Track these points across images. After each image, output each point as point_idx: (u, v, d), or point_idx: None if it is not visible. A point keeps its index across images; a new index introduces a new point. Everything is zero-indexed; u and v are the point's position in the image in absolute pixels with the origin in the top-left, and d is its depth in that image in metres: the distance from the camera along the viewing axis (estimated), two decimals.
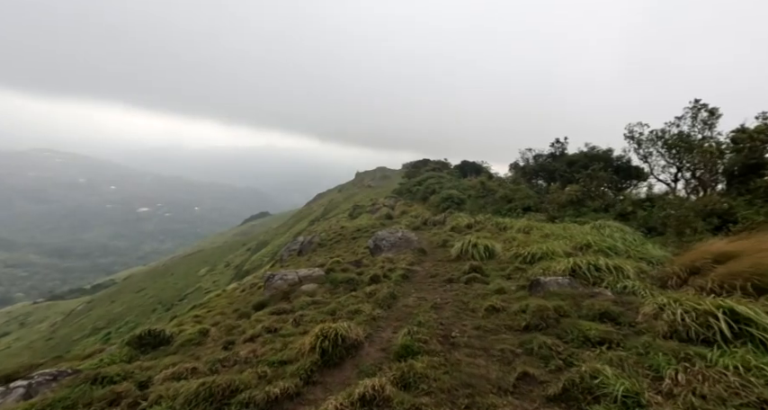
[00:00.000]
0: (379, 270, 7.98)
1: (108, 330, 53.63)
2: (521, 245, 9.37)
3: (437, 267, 8.28)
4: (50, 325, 75.02)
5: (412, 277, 7.51)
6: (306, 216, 74.22)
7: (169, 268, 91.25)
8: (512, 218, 15.94)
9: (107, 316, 63.26)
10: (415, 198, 26.60)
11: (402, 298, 6.03)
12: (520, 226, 12.82)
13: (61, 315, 79.15)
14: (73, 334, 59.76)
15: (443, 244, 11.43)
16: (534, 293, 5.04)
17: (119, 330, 49.77)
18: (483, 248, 8.54)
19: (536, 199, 18.93)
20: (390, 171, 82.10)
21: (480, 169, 37.15)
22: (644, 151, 18.49)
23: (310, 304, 6.07)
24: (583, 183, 16.83)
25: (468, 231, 14.15)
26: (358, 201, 49.17)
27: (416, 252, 9.82)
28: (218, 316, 7.01)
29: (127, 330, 45.64)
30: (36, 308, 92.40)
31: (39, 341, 65.06)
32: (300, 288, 7.06)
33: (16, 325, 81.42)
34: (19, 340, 70.65)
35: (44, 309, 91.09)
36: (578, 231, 10.53)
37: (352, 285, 7.01)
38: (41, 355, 51.74)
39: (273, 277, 7.58)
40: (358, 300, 5.82)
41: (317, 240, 21.72)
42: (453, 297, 5.96)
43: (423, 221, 19.10)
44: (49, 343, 61.77)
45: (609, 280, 5.14)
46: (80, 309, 77.77)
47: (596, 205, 15.10)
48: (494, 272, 7.26)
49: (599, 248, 7.93)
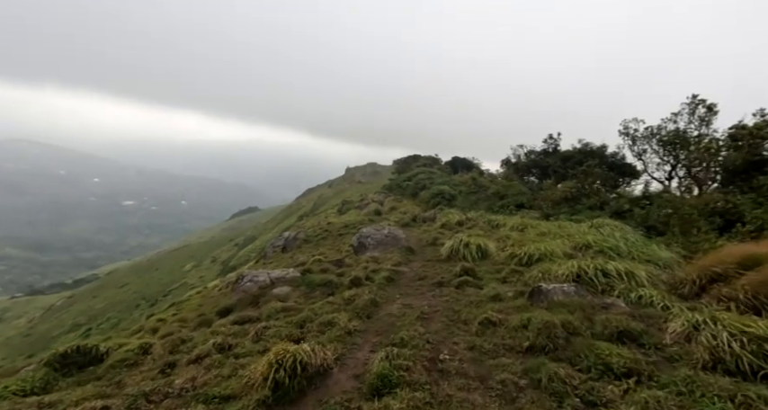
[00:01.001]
0: (361, 271, 7.22)
1: (89, 326, 51.83)
2: (516, 244, 8.73)
3: (426, 268, 7.56)
4: (29, 321, 72.47)
5: (398, 279, 6.78)
6: (295, 211, 73.06)
7: (154, 263, 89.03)
8: (504, 215, 15.34)
9: (88, 311, 61.26)
10: (405, 194, 25.87)
11: (385, 306, 5.29)
12: (513, 223, 12.20)
13: (41, 310, 76.53)
14: (52, 331, 57.69)
15: (433, 242, 10.73)
16: (536, 303, 4.36)
17: (99, 326, 48.08)
18: (475, 248, 7.86)
19: (529, 195, 18.38)
20: (381, 166, 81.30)
21: (471, 165, 36.61)
22: (639, 148, 18.09)
23: (280, 311, 5.29)
24: (577, 180, 16.32)
25: (459, 229, 13.48)
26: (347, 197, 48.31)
27: (404, 251, 9.09)
28: (176, 323, 6.17)
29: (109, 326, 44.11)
30: (14, 303, 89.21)
31: (16, 337, 62.70)
32: (272, 291, 6.26)
33: None
34: None
35: (23, 304, 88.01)
36: (576, 230, 9.95)
37: (330, 289, 6.24)
38: (19, 352, 49.79)
39: (243, 278, 6.76)
40: (334, 308, 5.06)
41: (302, 236, 20.84)
42: (443, 304, 5.25)
43: (412, 218, 18.39)
44: (27, 339, 59.55)
45: (620, 288, 4.48)
46: (60, 305, 75.28)
47: (591, 202, 14.60)
48: (488, 275, 6.58)
49: (600, 249, 7.33)
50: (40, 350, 47.17)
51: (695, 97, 15.48)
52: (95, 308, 61.96)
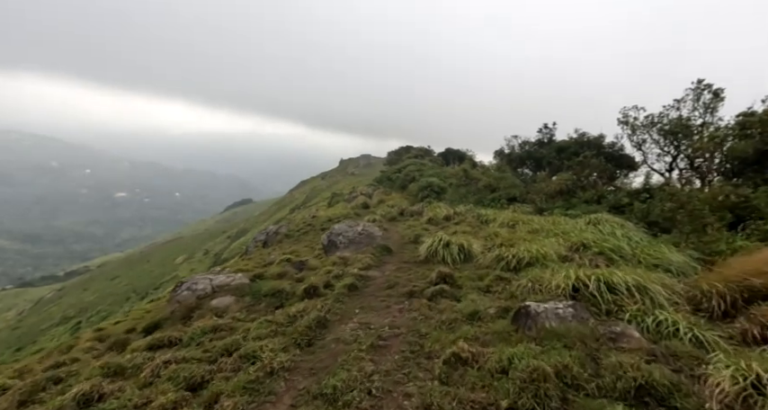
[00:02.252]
0: (323, 276, 6.17)
1: (78, 319, 50.86)
2: (504, 243, 7.72)
3: (399, 272, 6.52)
4: (18, 314, 71.26)
5: (363, 287, 5.73)
6: (288, 203, 71.95)
7: (146, 255, 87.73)
8: (495, 209, 14.35)
9: (78, 304, 60.18)
10: (394, 186, 24.77)
11: (336, 326, 4.25)
12: (504, 219, 11.19)
13: (30, 302, 75.33)
14: (41, 323, 56.61)
15: (415, 239, 9.70)
16: (523, 328, 3.33)
17: (89, 319, 47.10)
18: (457, 248, 6.81)
19: (522, 188, 17.36)
20: (375, 158, 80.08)
21: (464, 157, 35.45)
22: (638, 138, 17.07)
23: (208, 332, 4.24)
24: (573, 172, 15.30)
25: (445, 224, 12.46)
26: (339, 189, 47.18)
27: (379, 250, 8.04)
28: (90, 341, 5.10)
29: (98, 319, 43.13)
30: (4, 295, 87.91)
31: (4, 330, 61.58)
32: (211, 303, 5.20)
33: None
34: None
35: (12, 297, 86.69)
36: (572, 227, 8.95)
37: (279, 300, 5.19)
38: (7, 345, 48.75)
39: (181, 286, 5.70)
40: (271, 330, 4.01)
41: (283, 231, 19.77)
42: (409, 323, 4.22)
43: (399, 211, 17.36)
44: (16, 332, 58.47)
45: (632, 309, 3.46)
46: (50, 297, 74.07)
47: (588, 196, 13.61)
48: (468, 282, 5.55)
49: (600, 250, 6.34)
50: (28, 343, 46.19)
51: (701, 82, 14.40)
52: (85, 301, 60.88)
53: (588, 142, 18.27)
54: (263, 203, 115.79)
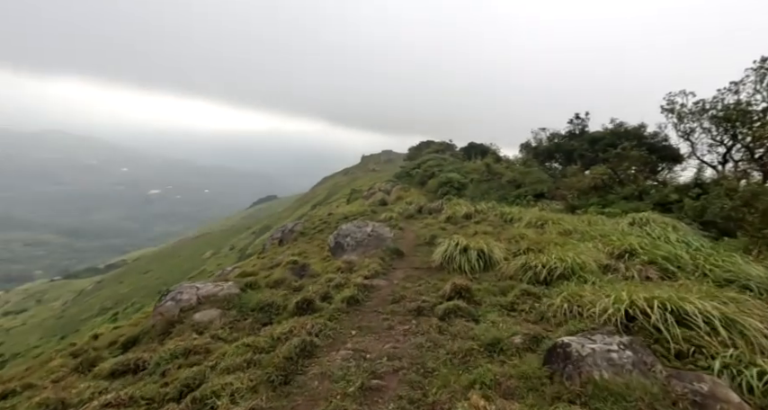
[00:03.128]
0: (322, 285, 5.47)
1: (115, 310, 53.65)
2: (531, 247, 6.74)
3: (409, 281, 5.71)
4: (62, 304, 76.34)
5: (365, 301, 4.97)
6: (310, 199, 72.54)
7: (176, 250, 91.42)
8: (521, 206, 13.21)
9: (114, 296, 63.55)
10: (413, 182, 23.84)
11: (325, 354, 3.52)
12: (531, 218, 10.10)
13: (73, 293, 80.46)
14: (81, 314, 60.24)
15: (431, 241, 8.85)
16: (560, 377, 2.46)
17: (125, 310, 49.51)
18: (476, 254, 5.91)
19: (550, 183, 16.02)
20: (396, 154, 79.12)
21: (487, 151, 33.75)
22: (685, 127, 15.29)
23: (179, 356, 3.63)
24: (609, 165, 13.85)
25: (465, 223, 11.49)
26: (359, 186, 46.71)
27: (389, 254, 7.25)
28: (63, 358, 4.65)
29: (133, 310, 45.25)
30: (52, 286, 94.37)
31: (50, 319, 66.09)
32: (194, 316, 4.62)
33: (33, 302, 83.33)
34: (34, 317, 72.14)
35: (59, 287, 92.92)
36: (612, 228, 7.80)
37: (268, 315, 4.53)
38: (53, 333, 52.23)
39: (166, 296, 5.17)
40: (245, 358, 3.33)
41: (298, 229, 19.37)
42: (413, 353, 3.43)
43: (417, 208, 16.49)
44: (59, 321, 62.56)
45: (720, 354, 2.49)
46: (90, 289, 78.80)
47: (627, 192, 12.19)
48: (488, 297, 4.67)
49: (651, 258, 5.26)
50: (71, 332, 49.19)
51: (765, 61, 12.53)
52: (121, 293, 64.14)
53: (626, 133, 16.59)
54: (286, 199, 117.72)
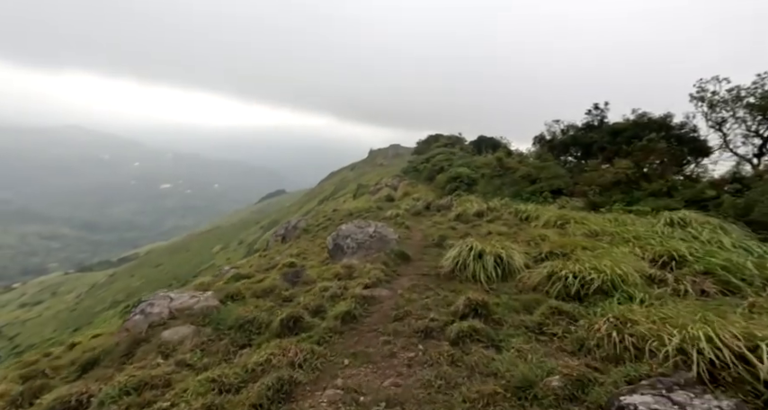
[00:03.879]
0: (315, 296, 4.76)
1: (126, 303, 54.43)
2: (555, 250, 5.93)
3: (415, 292, 4.95)
4: (76, 297, 77.99)
5: (364, 316, 4.25)
6: (317, 195, 72.21)
7: (186, 244, 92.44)
8: (537, 203, 12.32)
9: (126, 289, 64.55)
10: (421, 177, 22.98)
11: (307, 395, 2.80)
12: (550, 216, 9.23)
13: (87, 286, 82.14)
14: (94, 306, 61.35)
15: (440, 242, 8.08)
16: None
17: None
18: (492, 260, 5.11)
19: (568, 179, 15.04)
20: (404, 149, 78.09)
21: (498, 144, 32.44)
22: (717, 116, 14.12)
23: (129, 392, 2.96)
24: (633, 159, 12.82)
25: (476, 221, 10.67)
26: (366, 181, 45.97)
27: (393, 257, 6.51)
28: (8, 385, 4.06)
29: None
30: (67, 279, 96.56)
31: (64, 311, 67.55)
32: (163, 334, 3.96)
33: (48, 294, 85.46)
34: (49, 309, 73.91)
35: (74, 280, 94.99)
36: (646, 229, 6.90)
37: (248, 335, 3.84)
38: (66, 325, 53.18)
39: (138, 306, 4.53)
40: (204, 402, 2.64)
41: (302, 225, 18.78)
42: (418, 395, 2.70)
43: (425, 205, 15.71)
44: (73, 314, 63.87)
45: None
46: (103, 282, 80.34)
47: (654, 188, 11.19)
48: (511, 315, 3.89)
49: (707, 267, 4.40)
50: (84, 324, 49.99)
51: None
52: (133, 287, 65.08)
53: (651, 123, 15.43)
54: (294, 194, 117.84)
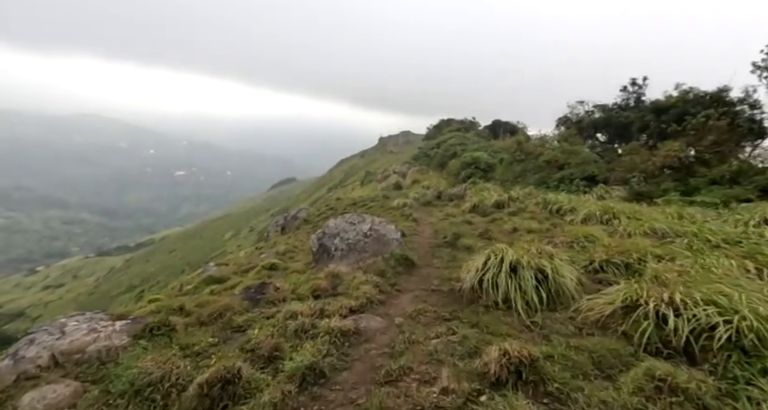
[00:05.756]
0: (274, 329, 3.26)
1: (141, 288, 55.16)
2: (612, 257, 4.28)
3: (420, 323, 3.40)
4: (95, 280, 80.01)
5: (338, 372, 2.73)
6: (327, 182, 71.12)
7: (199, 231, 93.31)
8: (568, 192, 10.52)
9: (142, 274, 65.54)
10: (432, 163, 21.16)
11: None
12: (591, 209, 7.48)
13: (106, 270, 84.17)
14: (112, 290, 62.58)
15: (454, 240, 6.48)
16: None
17: (151, 288, 50.69)
18: (532, 278, 3.49)
19: (602, 164, 13.08)
20: (415, 136, 75.77)
21: (515, 129, 29.88)
22: None
23: None
24: (686, 141, 10.78)
25: (496, 214, 8.98)
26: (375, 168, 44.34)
27: (393, 264, 4.94)
28: None
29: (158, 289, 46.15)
30: (87, 263, 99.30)
31: (84, 294, 69.26)
32: (22, 399, 2.53)
33: (70, 277, 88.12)
34: (70, 292, 76.08)
35: (93, 264, 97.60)
36: (734, 229, 5.15)
37: (148, 406, 2.39)
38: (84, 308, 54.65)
39: (17, 344, 3.11)
40: None
41: (302, 215, 17.38)
42: None
43: (436, 194, 14.04)
44: (92, 297, 65.37)
45: None
46: (120, 267, 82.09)
47: (715, 174, 9.25)
48: (577, 385, 2.32)
49: None
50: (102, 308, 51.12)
51: None
52: (148, 272, 65.99)
53: (701, 98, 13.18)
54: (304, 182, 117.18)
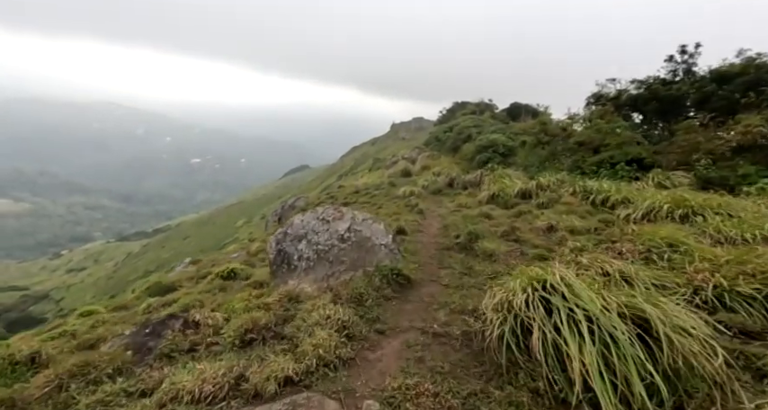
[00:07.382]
0: None
1: (158, 273, 55.82)
2: (735, 284, 2.55)
3: None
4: (114, 265, 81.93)
5: None
6: (338, 170, 69.65)
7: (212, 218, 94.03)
8: (611, 179, 8.57)
9: (157, 260, 66.39)
10: (444, 148, 19.16)
11: None
12: (654, 201, 5.59)
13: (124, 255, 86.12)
14: (129, 275, 63.71)
15: (469, 242, 4.79)
16: None
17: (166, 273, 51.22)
18: (626, 343, 1.82)
19: (648, 145, 10.94)
20: (427, 122, 72.99)
21: (536, 112, 26.76)
22: None
23: None
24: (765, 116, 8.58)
25: (522, 205, 7.15)
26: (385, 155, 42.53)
27: (379, 283, 3.29)
28: None
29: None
30: (108, 247, 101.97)
31: (103, 278, 70.90)
32: None
33: (92, 261, 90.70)
34: (90, 276, 78.18)
35: (113, 249, 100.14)
36: None
37: None
38: (104, 292, 55.44)
39: None
40: None
41: (300, 204, 15.90)
42: None
43: (447, 181, 12.22)
44: (110, 281, 66.81)
45: None
46: (137, 252, 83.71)
47: None
48: None
49: None
50: (119, 292, 51.78)
51: None
52: (162, 258, 66.78)
53: None
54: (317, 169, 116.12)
